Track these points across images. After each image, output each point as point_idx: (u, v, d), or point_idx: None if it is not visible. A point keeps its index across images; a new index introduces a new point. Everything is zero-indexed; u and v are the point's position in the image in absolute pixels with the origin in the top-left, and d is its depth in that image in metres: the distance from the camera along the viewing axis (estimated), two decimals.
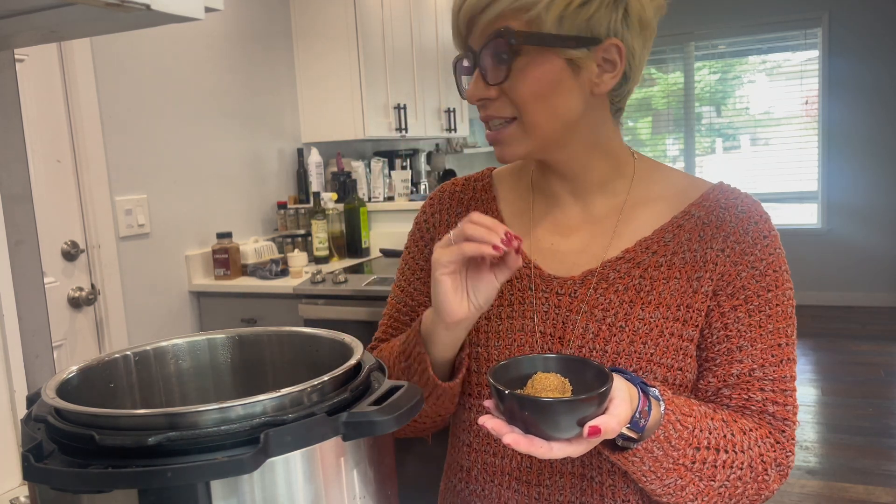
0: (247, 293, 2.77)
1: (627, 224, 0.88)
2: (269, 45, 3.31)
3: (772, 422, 0.83)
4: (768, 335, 0.83)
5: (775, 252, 0.85)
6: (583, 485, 0.84)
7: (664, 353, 0.81)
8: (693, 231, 0.85)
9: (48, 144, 2.27)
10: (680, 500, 0.78)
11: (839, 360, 4.50)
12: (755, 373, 0.82)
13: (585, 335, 0.83)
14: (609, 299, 0.84)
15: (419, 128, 3.96)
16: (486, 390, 0.87)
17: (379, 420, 0.56)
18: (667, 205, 0.88)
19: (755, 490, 0.80)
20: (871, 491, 2.88)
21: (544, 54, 0.78)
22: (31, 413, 0.60)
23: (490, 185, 0.98)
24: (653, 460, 0.73)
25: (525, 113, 0.81)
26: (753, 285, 0.83)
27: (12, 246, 1.02)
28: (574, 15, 0.77)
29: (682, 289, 0.83)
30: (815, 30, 5.58)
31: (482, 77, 0.80)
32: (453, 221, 0.96)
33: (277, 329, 0.80)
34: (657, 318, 0.82)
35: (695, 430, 0.76)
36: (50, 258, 2.26)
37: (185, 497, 0.50)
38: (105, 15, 0.68)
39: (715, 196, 0.87)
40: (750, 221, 0.85)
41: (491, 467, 0.88)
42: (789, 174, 5.84)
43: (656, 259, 0.84)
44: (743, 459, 0.78)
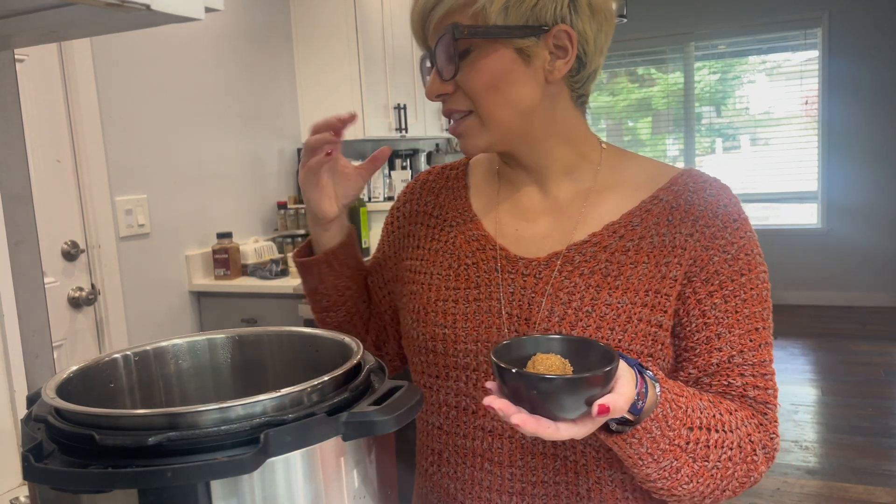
0: (247, 293, 2.77)
1: (594, 209, 0.87)
2: (269, 45, 3.31)
3: (753, 405, 0.82)
4: (745, 320, 0.82)
5: (746, 235, 0.84)
6: (556, 465, 0.84)
7: (633, 340, 0.81)
8: (661, 215, 0.84)
9: (48, 144, 2.27)
10: (674, 484, 0.76)
11: (839, 360, 4.50)
12: (734, 359, 0.82)
13: (551, 318, 0.82)
14: (574, 282, 0.83)
15: (419, 128, 3.96)
16: (453, 372, 0.88)
17: (379, 420, 0.56)
18: (635, 190, 0.87)
19: (744, 472, 0.80)
20: (871, 491, 2.88)
21: (493, 46, 0.80)
22: (31, 413, 0.60)
23: (464, 174, 1.01)
24: (650, 441, 0.72)
25: (479, 105, 0.83)
26: (726, 269, 0.82)
27: (12, 246, 1.02)
28: (518, 4, 0.78)
29: (651, 273, 0.82)
30: (815, 30, 5.58)
31: (438, 74, 0.83)
32: (422, 212, 0.99)
33: (277, 329, 0.80)
34: (625, 303, 0.81)
35: (688, 410, 0.75)
36: (50, 258, 2.26)
37: (185, 497, 0.50)
38: (105, 15, 0.68)
39: (683, 180, 0.87)
40: (719, 205, 0.84)
41: (462, 449, 0.88)
42: (789, 174, 5.84)
43: (623, 243, 0.84)
44: (733, 439, 0.78)
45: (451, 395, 0.89)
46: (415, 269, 0.95)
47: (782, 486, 2.95)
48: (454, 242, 0.93)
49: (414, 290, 0.93)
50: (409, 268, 0.96)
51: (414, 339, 0.92)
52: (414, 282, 0.94)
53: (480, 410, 0.87)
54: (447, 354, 0.88)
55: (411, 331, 0.92)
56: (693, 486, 0.77)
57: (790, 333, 5.06)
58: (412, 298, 0.93)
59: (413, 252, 0.97)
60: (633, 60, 6.20)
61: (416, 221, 0.99)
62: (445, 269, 0.91)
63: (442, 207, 0.98)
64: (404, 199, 1.04)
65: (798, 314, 5.55)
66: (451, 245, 0.93)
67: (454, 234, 0.94)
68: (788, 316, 5.51)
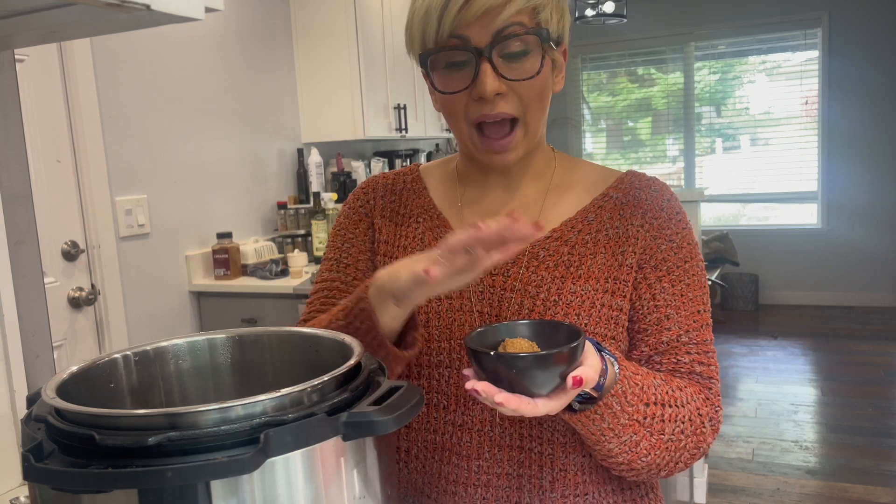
0: (247, 293, 2.77)
1: (553, 208, 0.93)
2: (269, 45, 3.31)
3: (699, 381, 0.88)
4: (689, 303, 0.89)
5: (687, 227, 0.91)
6: (520, 456, 0.87)
7: (597, 324, 0.86)
8: (613, 210, 0.91)
9: (48, 144, 2.27)
10: (633, 458, 0.81)
11: (839, 360, 4.50)
12: (682, 338, 0.88)
13: (521, 311, 0.87)
14: (541, 276, 0.88)
15: (419, 128, 3.96)
16: (425, 370, 0.90)
17: (379, 420, 0.56)
18: (585, 190, 0.94)
19: (694, 443, 0.85)
20: (871, 491, 2.88)
21: (546, 53, 0.84)
22: (31, 413, 0.60)
23: (419, 178, 1.02)
24: (612, 417, 0.77)
25: (529, 112, 0.85)
26: (672, 257, 0.89)
27: (12, 246, 1.02)
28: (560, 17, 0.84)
29: (609, 262, 0.88)
30: (815, 30, 5.58)
31: (494, 72, 0.81)
32: (388, 208, 1.00)
33: (277, 329, 0.80)
34: (587, 290, 0.87)
35: (644, 387, 0.80)
36: (50, 258, 2.26)
37: (185, 497, 0.50)
38: (105, 15, 0.68)
39: (629, 180, 0.94)
40: (663, 199, 0.92)
41: (431, 444, 0.91)
42: (789, 174, 5.84)
43: (582, 237, 0.90)
44: (684, 413, 0.83)
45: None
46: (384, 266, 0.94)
47: (782, 486, 2.95)
48: (422, 239, 0.95)
49: None
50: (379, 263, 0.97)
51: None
52: None
53: (451, 405, 0.89)
54: (420, 353, 0.90)
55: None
56: (651, 458, 0.82)
57: (790, 333, 5.06)
58: None
59: (381, 247, 0.98)
60: (633, 60, 6.20)
61: (382, 215, 1.00)
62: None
63: (406, 205, 0.99)
64: (365, 198, 1.02)
65: (798, 314, 5.55)
66: (420, 242, 0.95)
67: (421, 231, 0.96)
68: (788, 316, 5.51)
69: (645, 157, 6.30)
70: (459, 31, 0.81)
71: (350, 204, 1.04)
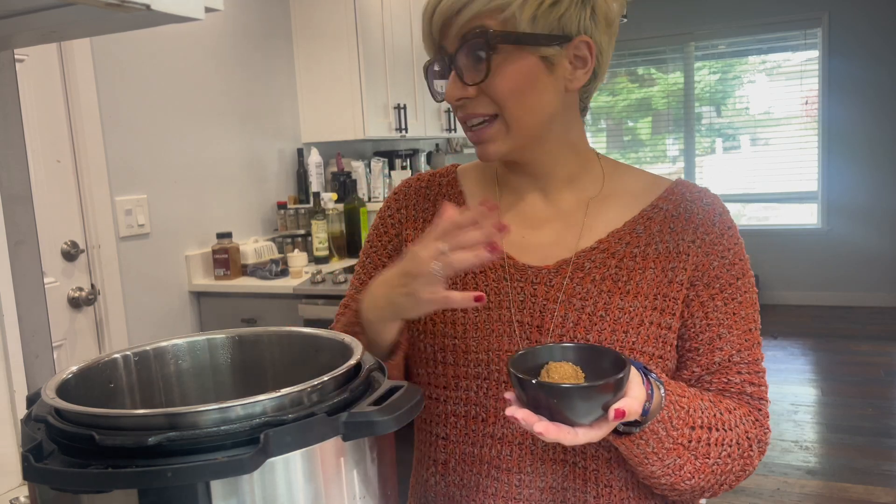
0: (247, 293, 2.77)
1: (596, 217, 0.90)
2: (269, 45, 3.31)
3: (749, 401, 0.86)
4: (741, 321, 0.87)
5: (739, 242, 0.89)
6: (564, 470, 0.85)
7: (645, 342, 0.84)
8: (664, 223, 0.88)
9: (48, 144, 2.27)
10: (677, 480, 0.79)
11: (839, 360, 4.50)
12: (733, 358, 0.86)
13: (565, 324, 0.85)
14: (586, 288, 0.85)
15: (419, 128, 3.96)
16: (463, 382, 0.88)
17: (379, 420, 0.56)
18: (633, 199, 0.91)
19: (741, 466, 0.83)
20: (871, 491, 2.88)
21: (520, 52, 0.81)
22: (31, 413, 0.60)
23: (455, 181, 1.00)
24: (657, 441, 0.75)
25: (506, 109, 0.83)
26: (725, 274, 0.87)
27: (12, 246, 1.02)
28: (546, 14, 0.80)
29: (658, 279, 0.86)
30: (815, 30, 5.58)
31: (459, 77, 0.82)
32: (420, 217, 0.97)
33: (277, 329, 0.80)
34: (636, 307, 0.84)
35: (690, 410, 0.78)
36: (50, 258, 2.26)
37: (185, 497, 0.50)
38: (105, 15, 0.68)
39: (679, 191, 0.91)
40: (715, 213, 0.89)
41: (469, 457, 0.89)
42: (789, 174, 5.84)
43: (630, 249, 0.87)
44: (732, 437, 0.82)
45: (459, 404, 0.89)
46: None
47: (782, 486, 2.95)
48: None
49: None
50: None
51: (420, 350, 0.91)
52: None
53: (490, 418, 0.87)
54: (457, 365, 0.88)
55: (417, 342, 0.91)
56: (695, 481, 0.80)
57: (790, 333, 5.06)
58: None
59: None
60: (633, 60, 6.20)
61: (416, 227, 0.97)
62: (452, 278, 0.90)
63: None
64: (396, 206, 1.00)
65: (798, 314, 5.54)
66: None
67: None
68: (788, 316, 5.51)
69: (645, 157, 6.30)
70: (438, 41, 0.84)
71: (381, 213, 1.02)
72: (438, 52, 0.85)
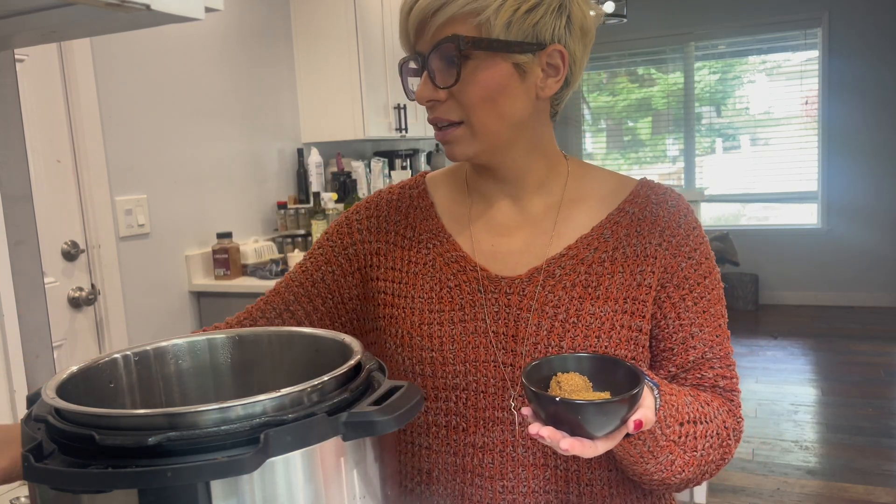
0: (247, 293, 2.77)
1: (566, 223, 0.91)
2: (269, 45, 3.31)
3: (723, 394, 0.89)
4: (711, 318, 0.89)
5: (704, 241, 0.91)
6: (546, 474, 0.86)
7: (618, 346, 0.85)
8: (630, 227, 0.89)
9: (48, 144, 2.27)
10: (669, 475, 0.81)
11: (839, 360, 4.50)
12: (706, 354, 0.88)
13: (539, 332, 0.85)
14: (558, 296, 0.86)
15: (419, 128, 3.96)
16: (442, 393, 0.89)
17: (379, 420, 0.56)
18: (600, 203, 0.92)
19: (721, 455, 0.86)
20: (871, 491, 2.88)
21: (493, 59, 0.81)
22: (31, 413, 0.60)
23: (425, 192, 1.00)
24: (652, 440, 0.77)
25: (473, 115, 0.83)
26: (693, 274, 0.88)
27: (12, 246, 1.02)
28: (521, 21, 0.80)
29: (627, 282, 0.87)
30: (815, 30, 5.58)
31: (430, 80, 0.83)
32: (391, 230, 0.97)
33: (277, 329, 0.81)
34: (607, 311, 0.85)
35: (678, 407, 0.80)
36: (50, 258, 2.26)
37: (185, 497, 0.50)
38: (105, 15, 0.68)
39: (644, 193, 0.92)
40: (680, 215, 0.90)
41: (452, 467, 0.89)
42: (789, 174, 5.84)
43: (598, 255, 0.88)
44: (712, 428, 0.84)
45: (440, 415, 0.89)
46: (392, 292, 0.93)
47: (782, 486, 2.95)
48: (433, 265, 0.92)
49: (394, 315, 0.92)
50: (384, 290, 0.94)
51: (399, 363, 0.91)
52: (393, 305, 0.93)
53: (471, 428, 0.88)
54: (435, 377, 0.89)
55: (395, 356, 0.92)
56: (685, 474, 0.83)
57: (790, 333, 5.06)
58: (392, 323, 0.92)
59: (387, 273, 0.95)
60: (633, 60, 6.19)
61: (387, 240, 0.96)
62: (427, 291, 0.91)
63: (413, 228, 0.96)
64: (367, 214, 0.99)
65: (798, 314, 5.54)
66: (431, 267, 0.92)
67: (432, 256, 0.93)
68: (788, 316, 5.51)
69: (645, 157, 6.30)
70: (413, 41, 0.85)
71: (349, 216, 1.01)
72: (413, 51, 0.86)
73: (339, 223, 1.01)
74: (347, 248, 0.98)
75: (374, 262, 0.96)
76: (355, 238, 0.98)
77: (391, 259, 0.95)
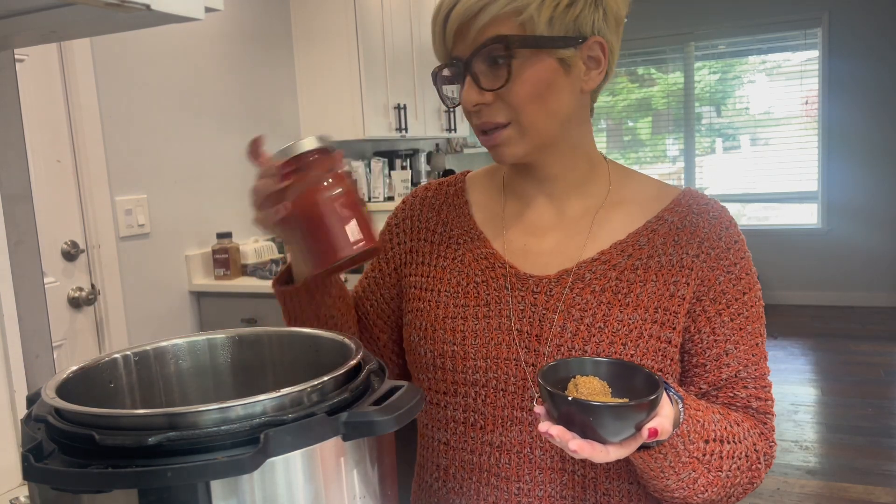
0: (247, 293, 2.77)
1: (601, 226, 0.89)
2: (269, 45, 3.31)
3: (755, 415, 0.87)
4: (748, 336, 0.86)
5: (746, 255, 0.88)
6: (563, 479, 0.85)
7: (644, 355, 0.83)
8: (668, 236, 0.87)
9: (48, 144, 2.27)
10: (690, 494, 0.79)
11: (839, 360, 4.50)
12: (740, 373, 0.86)
13: (563, 334, 0.84)
14: (586, 299, 0.85)
15: (419, 128, 3.96)
16: (461, 388, 0.88)
17: (379, 420, 0.56)
18: (639, 209, 0.90)
19: (749, 479, 0.84)
20: (871, 491, 2.88)
21: (538, 56, 0.81)
22: (31, 413, 0.60)
23: (462, 190, 0.99)
24: (674, 455, 0.75)
25: (522, 114, 0.82)
26: (731, 289, 0.86)
27: (12, 246, 1.02)
28: (563, 15, 0.79)
29: (660, 292, 0.85)
30: (815, 30, 5.58)
31: (475, 83, 0.81)
32: (423, 227, 0.98)
33: (277, 329, 0.80)
34: (636, 319, 0.84)
35: (705, 424, 0.78)
36: (50, 258, 2.26)
37: (185, 497, 0.50)
38: (105, 15, 0.68)
39: (686, 202, 0.90)
40: (721, 227, 0.87)
41: (469, 465, 0.89)
42: (789, 174, 5.84)
43: (632, 262, 0.86)
44: (741, 449, 0.82)
45: (458, 410, 0.89)
46: (420, 286, 0.94)
47: (782, 486, 2.95)
48: (462, 260, 0.92)
49: (420, 308, 0.92)
50: (414, 284, 0.95)
51: (421, 355, 0.91)
52: (420, 299, 0.93)
53: (489, 426, 0.87)
54: (455, 371, 0.88)
55: (418, 347, 0.92)
56: (707, 494, 0.80)
57: (790, 333, 5.06)
58: (418, 315, 0.92)
59: (418, 269, 0.95)
60: (633, 60, 6.20)
61: (419, 238, 0.97)
62: (454, 286, 0.91)
63: (446, 224, 0.97)
64: (402, 216, 1.01)
65: (798, 314, 5.54)
66: (460, 263, 0.92)
67: (462, 252, 0.93)
68: (788, 316, 5.51)
69: (645, 157, 6.30)
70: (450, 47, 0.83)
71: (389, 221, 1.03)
72: (450, 57, 0.84)
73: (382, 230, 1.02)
74: (387, 252, 1.00)
75: (408, 259, 0.97)
76: (393, 242, 1.00)
77: (422, 255, 0.96)
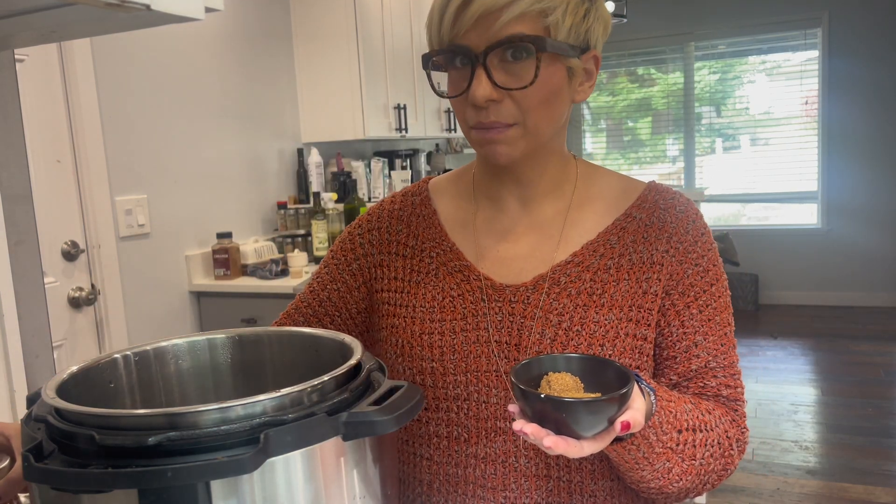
0: (247, 293, 2.77)
1: (573, 228, 0.89)
2: (269, 45, 3.31)
3: (726, 403, 0.88)
4: (717, 327, 0.87)
5: (712, 247, 0.89)
6: (549, 485, 0.85)
7: (622, 354, 0.84)
8: (637, 233, 0.88)
9: (48, 144, 2.27)
10: (665, 483, 0.80)
11: (839, 360, 4.50)
12: (710, 363, 0.87)
13: (542, 341, 0.84)
14: (563, 304, 0.85)
15: (419, 128, 3.96)
16: (443, 403, 0.87)
17: (379, 420, 0.56)
18: (607, 206, 0.90)
19: (722, 465, 0.85)
20: (871, 491, 2.88)
21: (555, 61, 0.80)
22: (31, 413, 0.60)
23: (428, 199, 0.97)
24: (647, 446, 0.75)
25: (529, 117, 0.80)
26: (699, 282, 0.87)
27: (12, 246, 1.02)
28: (580, 24, 0.80)
29: (632, 290, 0.85)
30: (815, 30, 5.58)
31: (489, 78, 0.78)
32: (393, 240, 0.95)
33: (277, 329, 0.81)
34: (611, 319, 0.84)
35: (677, 414, 0.78)
36: (50, 258, 2.26)
37: (185, 497, 0.51)
38: (105, 15, 0.68)
39: (653, 197, 0.90)
40: (689, 220, 0.88)
41: (454, 478, 0.88)
42: (789, 174, 5.84)
43: (604, 262, 0.87)
44: (713, 437, 0.83)
45: (441, 425, 0.88)
46: (394, 303, 0.92)
47: (782, 486, 2.95)
48: (436, 274, 0.91)
49: (395, 324, 0.91)
50: (388, 300, 0.93)
51: (399, 373, 0.91)
52: (395, 315, 0.92)
53: (472, 438, 0.86)
54: (436, 387, 0.88)
55: (396, 365, 0.91)
56: (682, 483, 0.81)
57: (790, 333, 5.06)
58: (393, 332, 0.91)
59: (390, 283, 0.94)
60: (633, 60, 6.19)
61: (390, 251, 0.95)
62: (429, 301, 0.89)
63: (416, 237, 0.94)
64: (368, 227, 0.98)
65: (798, 314, 5.54)
66: (434, 277, 0.91)
67: (434, 266, 0.91)
68: (788, 316, 5.51)
69: (645, 157, 6.30)
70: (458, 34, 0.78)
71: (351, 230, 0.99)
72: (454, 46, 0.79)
73: (343, 239, 1.00)
74: (351, 264, 0.97)
75: (377, 274, 0.95)
76: (358, 253, 0.97)
77: (394, 269, 0.94)
